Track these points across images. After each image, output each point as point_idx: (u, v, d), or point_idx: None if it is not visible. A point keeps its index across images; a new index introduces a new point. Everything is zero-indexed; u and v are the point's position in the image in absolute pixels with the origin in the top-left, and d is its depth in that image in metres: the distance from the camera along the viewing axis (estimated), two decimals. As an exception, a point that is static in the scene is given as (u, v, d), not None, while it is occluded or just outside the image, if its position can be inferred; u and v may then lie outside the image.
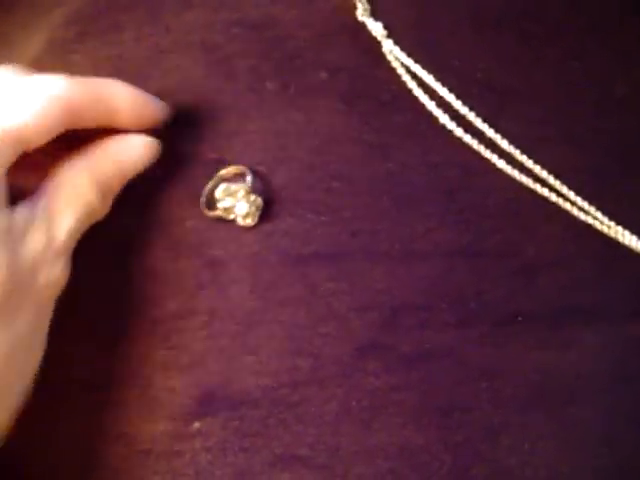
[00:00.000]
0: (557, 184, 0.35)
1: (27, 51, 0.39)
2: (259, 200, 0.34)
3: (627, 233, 0.35)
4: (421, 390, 0.33)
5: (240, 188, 0.34)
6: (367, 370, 0.33)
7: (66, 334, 0.34)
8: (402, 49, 0.37)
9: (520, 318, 0.34)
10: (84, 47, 0.38)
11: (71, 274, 0.33)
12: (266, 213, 0.35)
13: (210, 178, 0.35)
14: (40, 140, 0.31)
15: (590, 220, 0.35)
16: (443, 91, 0.36)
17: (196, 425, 0.33)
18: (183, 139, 0.36)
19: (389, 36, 0.37)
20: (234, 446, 0.32)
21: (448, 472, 0.32)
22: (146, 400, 0.33)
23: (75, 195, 0.32)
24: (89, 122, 0.33)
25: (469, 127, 0.36)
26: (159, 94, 0.36)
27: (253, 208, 0.34)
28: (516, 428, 0.33)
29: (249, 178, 0.35)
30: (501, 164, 0.36)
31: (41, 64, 0.38)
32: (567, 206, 0.35)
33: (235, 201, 0.34)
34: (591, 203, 0.35)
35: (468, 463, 0.32)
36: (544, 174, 0.35)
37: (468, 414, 0.33)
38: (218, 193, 0.34)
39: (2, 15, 0.41)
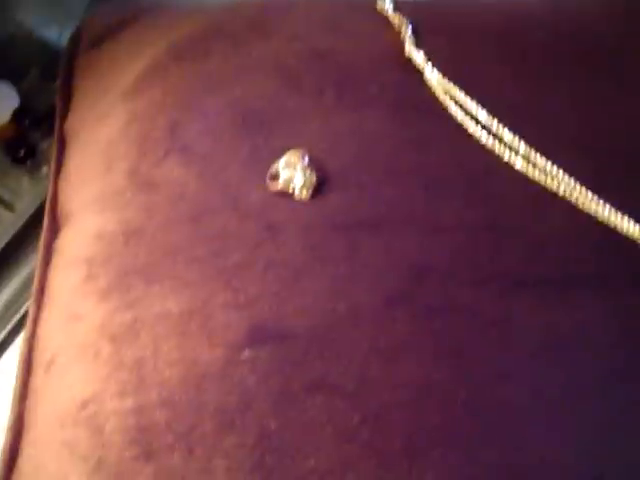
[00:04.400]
0: (565, 179, 0.42)
1: (131, 70, 0.49)
2: (313, 176, 0.42)
3: (625, 219, 0.40)
4: (439, 336, 0.38)
5: (298, 162, 0.42)
6: (394, 317, 0.39)
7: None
8: (439, 72, 0.45)
9: (529, 282, 0.39)
10: (178, 68, 0.47)
11: None
12: (319, 190, 0.42)
13: (276, 161, 0.43)
14: None
15: (593, 207, 0.41)
16: (472, 105, 0.44)
17: (246, 353, 0.38)
18: (256, 133, 0.44)
19: (429, 63, 0.46)
20: (276, 372, 0.38)
21: (463, 404, 0.37)
22: (206, 331, 0.39)
23: None
24: None
25: (492, 134, 0.43)
26: (239, 102, 0.45)
27: (308, 182, 0.41)
28: (523, 371, 0.37)
29: (306, 157, 0.42)
30: (518, 162, 0.42)
31: (143, 81, 0.48)
32: (573, 197, 0.41)
33: (294, 172, 0.41)
34: (594, 194, 0.41)
35: (480, 398, 0.37)
36: (554, 170, 0.42)
37: (479, 357, 0.38)
38: (280, 164, 0.42)
39: (113, 45, 0.51)
